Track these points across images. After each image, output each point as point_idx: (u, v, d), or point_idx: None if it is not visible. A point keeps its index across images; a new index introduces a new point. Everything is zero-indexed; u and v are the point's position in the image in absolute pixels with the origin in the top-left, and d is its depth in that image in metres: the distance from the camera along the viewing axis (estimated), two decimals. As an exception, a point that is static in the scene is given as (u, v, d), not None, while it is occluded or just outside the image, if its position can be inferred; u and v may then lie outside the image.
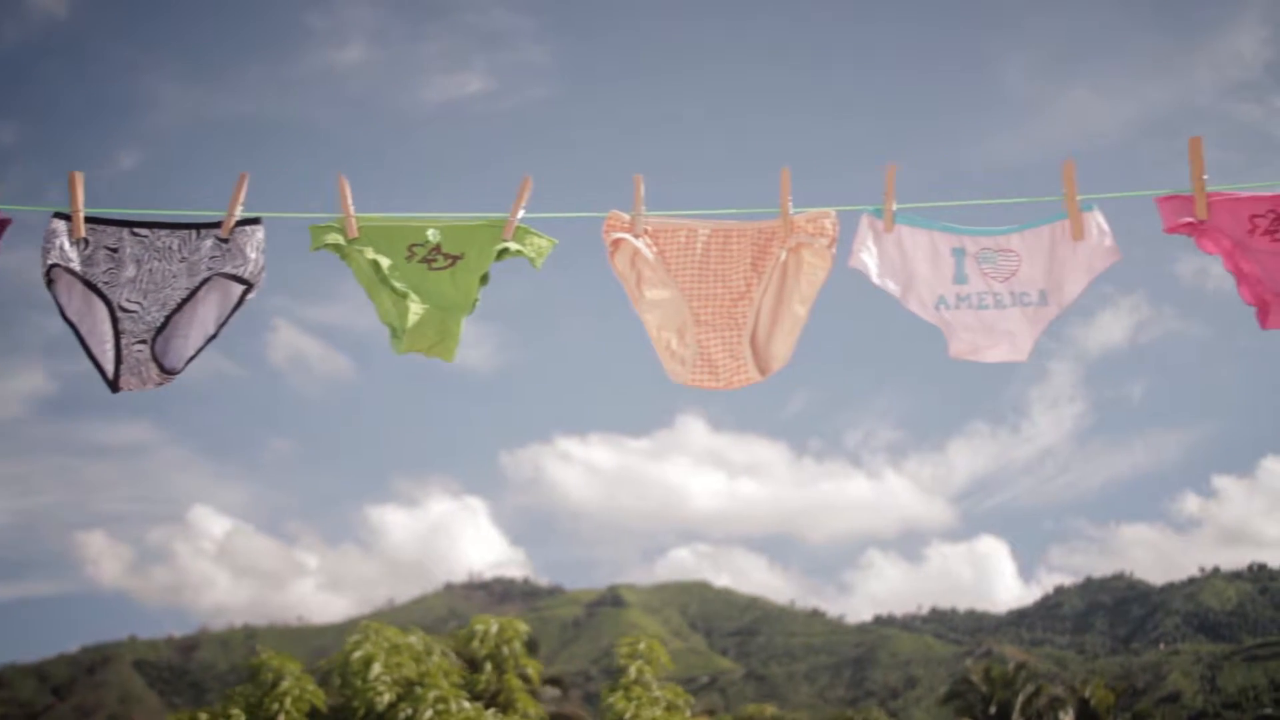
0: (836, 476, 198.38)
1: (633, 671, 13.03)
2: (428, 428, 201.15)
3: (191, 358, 3.43)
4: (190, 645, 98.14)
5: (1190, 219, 3.41)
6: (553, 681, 35.05)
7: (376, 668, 12.91)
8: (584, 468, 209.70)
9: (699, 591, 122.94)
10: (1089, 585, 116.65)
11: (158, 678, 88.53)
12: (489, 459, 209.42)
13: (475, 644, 14.01)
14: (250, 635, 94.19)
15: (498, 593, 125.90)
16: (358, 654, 13.09)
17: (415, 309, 3.37)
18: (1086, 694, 42.92)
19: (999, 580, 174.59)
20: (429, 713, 12.43)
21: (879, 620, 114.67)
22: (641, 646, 13.34)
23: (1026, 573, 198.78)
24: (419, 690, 12.77)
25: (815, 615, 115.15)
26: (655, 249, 3.50)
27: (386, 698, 12.77)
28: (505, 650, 14.01)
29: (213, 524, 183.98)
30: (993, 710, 40.22)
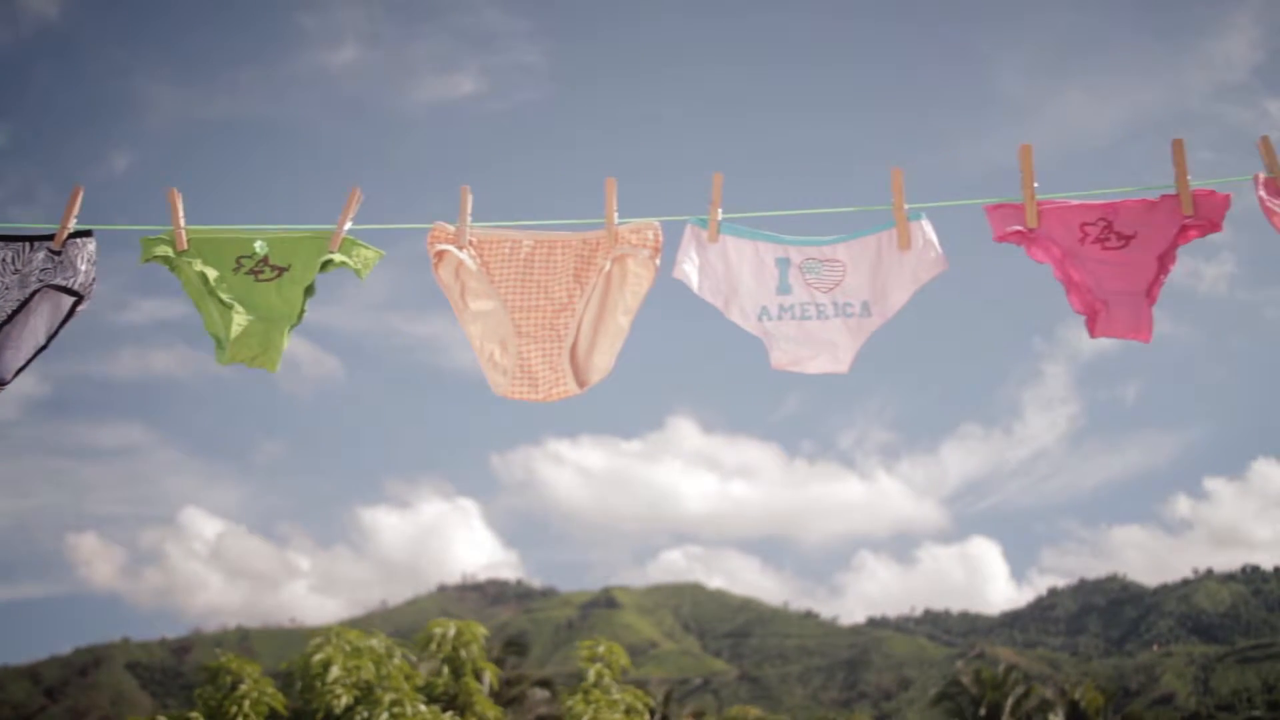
0: (829, 478, 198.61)
1: (591, 675, 13.04)
2: (419, 430, 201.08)
3: (21, 368, 3.44)
4: (183, 647, 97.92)
5: (1019, 227, 3.39)
6: (542, 683, 35.02)
7: (335, 670, 12.92)
8: (575, 470, 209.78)
9: (692, 593, 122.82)
10: (1082, 587, 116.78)
11: (150, 679, 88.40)
12: (480, 461, 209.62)
13: (432, 647, 14.01)
14: (243, 637, 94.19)
15: (491, 594, 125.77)
16: (317, 657, 13.10)
17: (239, 320, 3.38)
18: (1076, 696, 42.99)
19: (991, 582, 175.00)
20: (384, 715, 12.45)
21: (872, 622, 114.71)
22: (601, 649, 13.34)
23: (1019, 574, 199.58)
24: (377, 693, 12.80)
25: (808, 617, 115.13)
26: (479, 260, 3.48)
27: (344, 700, 12.78)
28: (463, 653, 14.01)
29: (205, 526, 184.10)
30: (983, 712, 40.23)
